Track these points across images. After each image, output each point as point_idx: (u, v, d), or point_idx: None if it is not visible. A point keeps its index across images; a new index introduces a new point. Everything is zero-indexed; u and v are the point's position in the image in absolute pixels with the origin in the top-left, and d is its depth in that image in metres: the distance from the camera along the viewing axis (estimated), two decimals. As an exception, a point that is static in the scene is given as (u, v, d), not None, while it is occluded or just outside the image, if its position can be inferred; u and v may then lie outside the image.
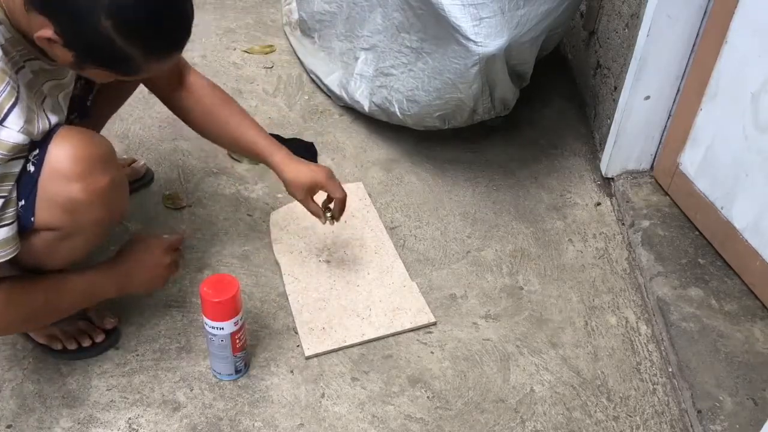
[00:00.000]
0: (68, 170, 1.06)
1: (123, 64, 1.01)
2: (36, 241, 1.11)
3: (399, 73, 1.78)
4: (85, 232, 1.14)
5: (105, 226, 1.17)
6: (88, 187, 1.07)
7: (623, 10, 1.75)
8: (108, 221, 1.16)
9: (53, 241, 1.12)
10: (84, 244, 1.18)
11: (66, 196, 1.07)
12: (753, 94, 1.41)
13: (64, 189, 1.06)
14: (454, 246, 1.67)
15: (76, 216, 1.09)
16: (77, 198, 1.07)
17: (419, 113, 1.76)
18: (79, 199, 1.07)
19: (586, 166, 1.91)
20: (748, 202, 1.46)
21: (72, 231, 1.12)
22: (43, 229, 1.10)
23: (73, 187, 1.06)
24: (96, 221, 1.13)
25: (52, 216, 1.08)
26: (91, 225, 1.13)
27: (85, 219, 1.11)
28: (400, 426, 1.31)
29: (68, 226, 1.10)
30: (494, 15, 1.52)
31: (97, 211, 1.11)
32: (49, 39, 0.96)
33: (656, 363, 1.43)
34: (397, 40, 1.77)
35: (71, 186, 1.06)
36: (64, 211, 1.08)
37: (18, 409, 1.29)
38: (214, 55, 2.23)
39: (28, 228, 1.09)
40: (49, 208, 1.07)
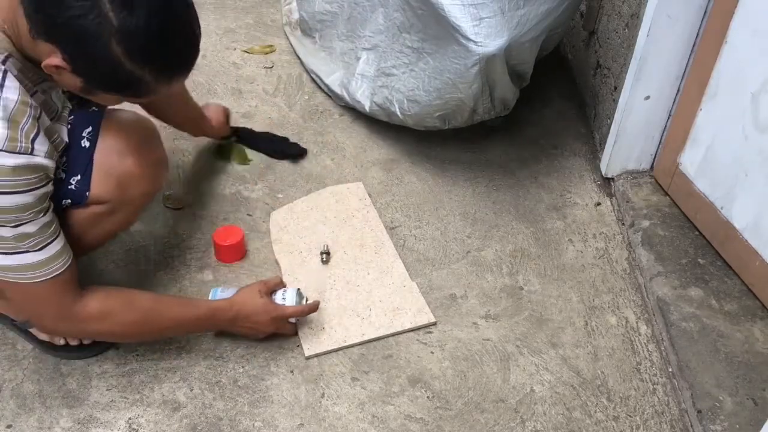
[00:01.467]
0: (123, 144, 1.13)
1: (133, 88, 1.02)
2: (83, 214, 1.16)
3: (400, 73, 1.78)
4: (131, 206, 1.21)
5: (148, 201, 1.24)
6: (142, 159, 1.15)
7: (623, 10, 1.75)
8: (151, 196, 1.24)
9: (101, 215, 1.17)
10: (125, 220, 1.24)
11: (121, 169, 1.13)
12: (753, 94, 1.41)
13: (120, 163, 1.13)
14: (454, 246, 1.67)
15: (127, 189, 1.16)
16: (131, 171, 1.14)
17: (420, 113, 1.76)
18: (134, 172, 1.14)
19: (586, 166, 1.91)
20: (748, 201, 1.46)
21: (120, 204, 1.18)
22: (94, 203, 1.15)
23: (128, 160, 1.14)
24: (143, 194, 1.20)
25: (106, 189, 1.14)
26: (138, 198, 1.19)
27: (135, 192, 1.17)
28: (400, 426, 1.31)
29: (118, 198, 1.16)
30: (494, 15, 1.52)
31: (145, 185, 1.18)
32: (57, 66, 0.97)
33: (656, 363, 1.43)
34: (399, 40, 1.77)
35: (126, 160, 1.14)
36: (118, 183, 1.14)
37: (18, 409, 1.29)
38: (214, 55, 2.23)
39: (82, 202, 1.14)
40: (104, 183, 1.13)
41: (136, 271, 1.55)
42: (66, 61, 0.96)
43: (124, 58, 0.95)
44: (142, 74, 0.99)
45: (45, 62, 0.97)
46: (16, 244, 1.03)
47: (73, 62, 0.96)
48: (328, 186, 1.79)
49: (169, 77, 1.05)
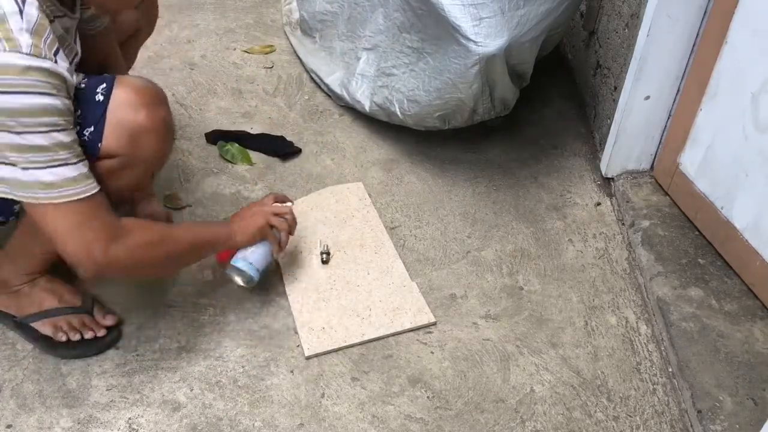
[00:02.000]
0: (136, 99, 1.16)
1: None
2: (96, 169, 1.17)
3: (400, 73, 1.78)
4: (142, 163, 1.22)
5: (157, 160, 1.26)
6: (153, 114, 1.17)
7: (623, 10, 1.75)
8: (160, 156, 1.26)
9: (113, 169, 1.18)
10: (133, 179, 1.25)
11: (133, 121, 1.16)
12: (753, 94, 1.41)
13: (132, 115, 1.15)
14: (454, 246, 1.67)
15: (138, 143, 1.18)
16: (143, 124, 1.16)
17: (420, 113, 1.76)
18: (145, 126, 1.17)
19: (586, 166, 1.91)
20: (749, 201, 1.46)
21: (132, 159, 1.19)
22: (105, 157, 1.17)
23: (140, 114, 1.16)
24: (153, 151, 1.21)
25: (118, 142, 1.16)
26: (149, 154, 1.21)
27: (146, 147, 1.19)
28: (400, 426, 1.31)
29: (130, 153, 1.18)
30: (494, 15, 1.52)
31: (155, 141, 1.20)
32: None
33: (656, 363, 1.43)
34: (399, 40, 1.77)
35: (139, 113, 1.16)
36: (130, 136, 1.16)
37: (18, 409, 1.29)
38: (214, 55, 2.23)
39: (95, 154, 1.16)
40: (116, 134, 1.15)
41: (136, 271, 1.54)
42: None
43: None
44: None
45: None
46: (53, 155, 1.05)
47: None
48: (328, 186, 1.79)
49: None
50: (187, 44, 2.26)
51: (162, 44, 2.23)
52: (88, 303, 1.41)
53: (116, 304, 1.47)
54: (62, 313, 1.38)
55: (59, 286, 1.40)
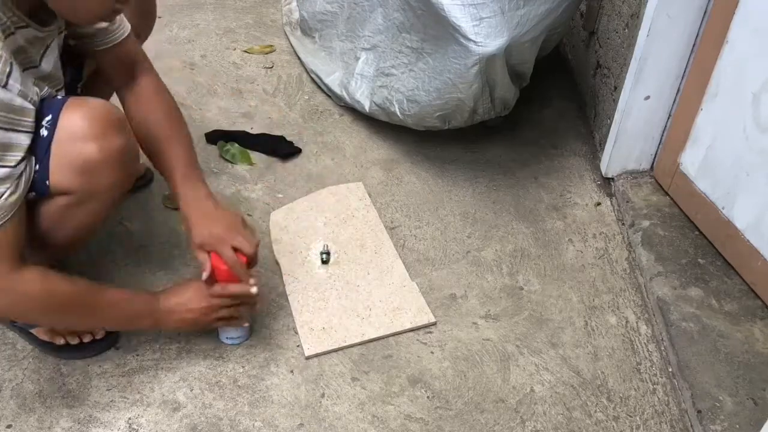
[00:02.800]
0: (84, 131, 1.07)
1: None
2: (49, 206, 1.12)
3: (400, 73, 1.78)
4: (99, 197, 1.15)
5: (117, 192, 1.17)
6: (104, 147, 1.08)
7: (623, 10, 1.75)
8: (120, 187, 1.17)
9: (68, 206, 1.12)
10: (95, 212, 1.18)
11: (82, 156, 1.07)
12: (754, 94, 1.41)
13: (79, 149, 1.07)
14: (454, 246, 1.67)
15: (91, 178, 1.10)
16: (93, 158, 1.08)
17: (419, 113, 1.76)
18: (95, 159, 1.08)
19: (586, 166, 1.91)
20: (750, 201, 1.46)
21: (87, 195, 1.12)
22: (58, 194, 1.10)
23: (88, 147, 1.07)
24: (110, 185, 1.13)
25: (67, 178, 1.08)
26: (105, 188, 1.13)
27: (100, 181, 1.11)
28: (400, 426, 1.31)
29: (83, 188, 1.11)
30: (494, 15, 1.52)
31: (111, 174, 1.12)
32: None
33: (656, 363, 1.43)
34: (398, 40, 1.77)
35: (87, 146, 1.07)
36: (80, 172, 1.09)
37: (18, 409, 1.29)
38: (214, 55, 2.23)
39: (44, 192, 1.10)
40: (64, 170, 1.08)
41: (136, 271, 1.54)
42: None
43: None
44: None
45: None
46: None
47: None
48: (328, 186, 1.79)
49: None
50: (187, 44, 2.26)
51: (162, 44, 2.23)
52: None
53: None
54: None
55: None
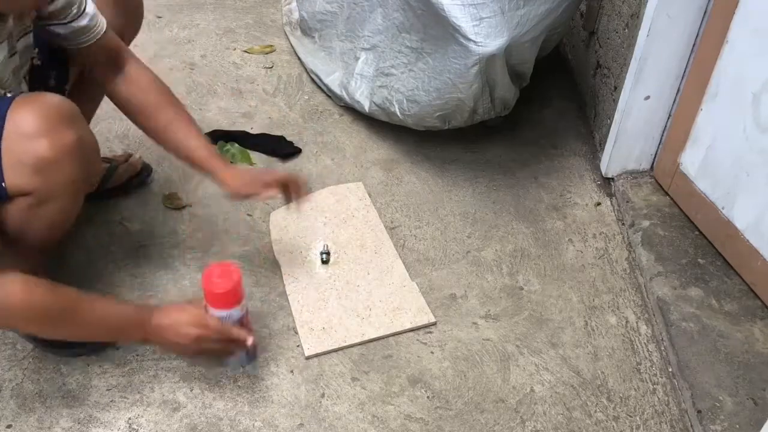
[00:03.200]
0: (32, 128, 1.03)
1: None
2: (12, 209, 1.09)
3: (399, 73, 1.78)
4: (59, 195, 1.11)
5: (78, 188, 1.14)
6: (55, 142, 1.05)
7: (623, 10, 1.75)
8: (81, 182, 1.13)
9: (29, 208, 1.09)
10: (61, 210, 1.15)
11: (33, 154, 1.04)
12: (754, 94, 1.41)
13: (30, 147, 1.04)
14: (454, 246, 1.67)
15: (46, 176, 1.06)
16: (45, 155, 1.04)
17: (419, 113, 1.76)
18: (47, 157, 1.05)
19: (586, 166, 1.91)
20: (750, 202, 1.46)
21: (46, 194, 1.09)
22: (17, 195, 1.08)
23: (39, 144, 1.04)
24: (68, 181, 1.10)
25: (22, 178, 1.05)
26: (63, 186, 1.10)
27: (57, 179, 1.08)
28: (400, 426, 1.31)
29: (41, 188, 1.08)
30: (494, 15, 1.52)
31: (67, 170, 1.08)
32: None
33: (656, 363, 1.43)
34: (398, 40, 1.77)
35: (37, 143, 1.04)
36: (34, 171, 1.05)
37: (18, 409, 1.29)
38: (214, 55, 2.23)
39: (4, 196, 1.07)
40: (18, 171, 1.04)
41: (136, 272, 1.54)
42: None
43: None
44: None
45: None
46: None
47: None
48: (328, 186, 1.79)
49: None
50: (187, 44, 2.26)
51: (162, 44, 2.23)
52: None
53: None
54: None
55: None
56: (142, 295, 1.49)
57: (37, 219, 1.13)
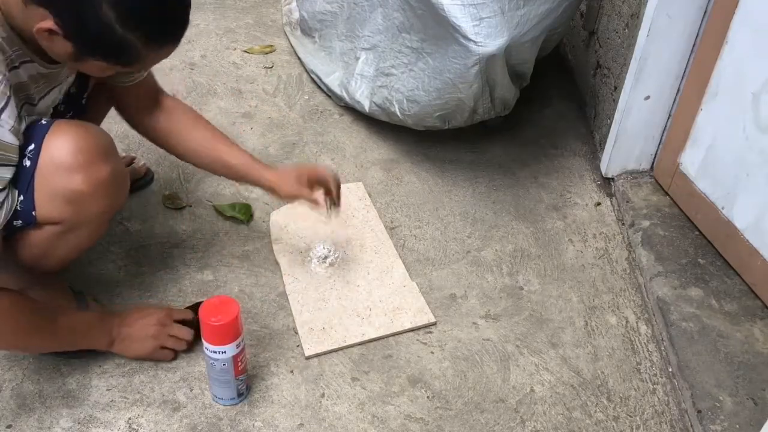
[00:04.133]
0: (69, 162, 1.05)
1: (123, 54, 1.01)
2: (39, 235, 1.11)
3: (399, 73, 1.78)
4: (88, 225, 1.15)
5: (107, 217, 1.17)
6: (90, 178, 1.07)
7: (623, 10, 1.75)
8: (110, 212, 1.17)
9: (56, 235, 1.12)
10: (86, 238, 1.19)
11: (68, 187, 1.07)
12: (754, 94, 1.41)
13: (65, 181, 1.06)
14: (454, 246, 1.67)
15: (78, 208, 1.09)
16: (79, 189, 1.07)
17: (419, 113, 1.76)
18: (82, 191, 1.07)
19: (586, 166, 1.91)
20: (749, 202, 1.46)
21: (75, 223, 1.12)
22: (45, 223, 1.10)
23: (74, 178, 1.06)
24: (99, 213, 1.13)
25: (54, 209, 1.08)
26: (94, 217, 1.13)
27: (88, 211, 1.11)
28: (400, 426, 1.31)
29: (71, 218, 1.10)
30: (494, 15, 1.52)
31: (99, 202, 1.11)
32: (48, 30, 0.96)
33: (656, 363, 1.43)
34: (398, 40, 1.77)
35: (73, 177, 1.06)
36: (67, 203, 1.08)
37: (18, 409, 1.29)
38: (214, 55, 2.23)
39: (32, 223, 1.09)
40: (50, 201, 1.07)
41: (136, 272, 1.54)
42: (58, 24, 0.96)
43: (115, 22, 0.95)
44: (133, 39, 0.98)
45: (37, 26, 0.96)
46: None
47: (64, 26, 0.96)
48: (328, 186, 1.79)
49: (159, 44, 1.04)
50: (187, 44, 2.26)
51: (162, 44, 2.23)
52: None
53: (115, 304, 1.47)
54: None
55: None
56: (142, 294, 1.49)
57: (62, 245, 1.16)
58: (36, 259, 1.17)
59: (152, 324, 1.32)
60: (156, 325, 1.32)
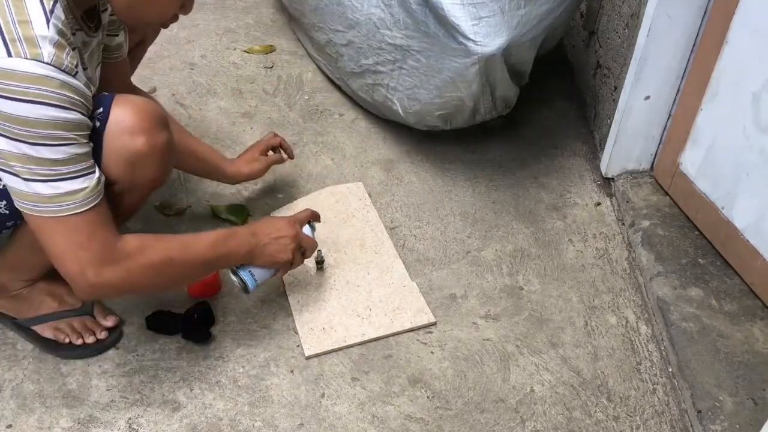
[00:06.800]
0: (134, 125, 1.12)
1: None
2: None
3: (388, 71, 1.75)
4: (139, 189, 1.20)
5: (156, 185, 1.23)
6: (151, 140, 1.14)
7: (623, 10, 1.75)
8: (159, 181, 1.23)
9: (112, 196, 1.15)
10: (132, 203, 1.24)
11: (131, 148, 1.13)
12: (754, 94, 1.41)
13: (129, 142, 1.12)
14: (454, 246, 1.67)
15: (137, 169, 1.15)
16: (141, 150, 1.13)
17: (421, 111, 1.75)
18: (143, 152, 1.14)
19: (586, 166, 1.91)
20: (749, 202, 1.46)
21: (129, 186, 1.17)
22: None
23: (137, 140, 1.13)
24: (152, 177, 1.19)
25: (116, 168, 1.13)
26: (147, 180, 1.19)
27: (145, 173, 1.17)
28: (400, 426, 1.31)
29: (127, 180, 1.16)
30: (494, 14, 1.52)
31: (155, 167, 1.17)
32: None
33: (656, 363, 1.43)
34: (377, 37, 1.74)
35: (136, 139, 1.12)
36: (128, 163, 1.13)
37: (18, 409, 1.29)
38: (214, 55, 2.23)
39: None
40: (114, 161, 1.13)
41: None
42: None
43: None
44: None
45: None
46: (59, 169, 1.02)
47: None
48: (328, 186, 1.79)
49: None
50: (187, 44, 2.26)
51: (162, 44, 2.22)
52: (87, 304, 1.40)
53: (116, 303, 1.47)
54: (63, 317, 1.37)
55: (59, 289, 1.38)
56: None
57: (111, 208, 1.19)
58: None
59: (293, 229, 1.36)
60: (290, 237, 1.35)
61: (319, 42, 2.00)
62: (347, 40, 1.85)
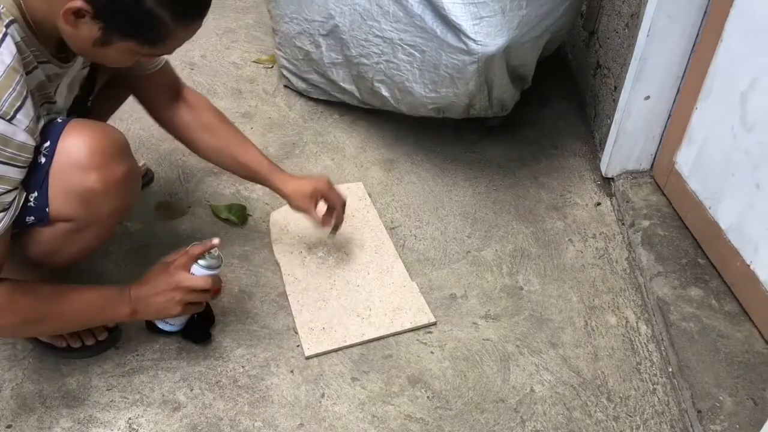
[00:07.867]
0: (84, 160, 1.06)
1: (152, 31, 1.01)
2: (49, 232, 1.11)
3: (373, 63, 1.73)
4: (99, 224, 1.15)
5: (119, 216, 1.18)
6: (105, 177, 1.08)
7: (623, 10, 1.75)
8: (121, 212, 1.17)
9: (68, 232, 1.12)
10: (97, 236, 1.19)
11: (83, 186, 1.07)
12: (742, 92, 1.41)
13: (80, 179, 1.07)
14: (454, 246, 1.67)
15: (92, 206, 1.10)
16: (94, 188, 1.08)
17: (413, 102, 1.73)
18: (96, 189, 1.08)
19: (586, 166, 1.91)
20: (733, 202, 1.45)
21: (88, 221, 1.12)
22: (58, 221, 1.10)
23: (89, 177, 1.07)
24: (112, 211, 1.14)
25: (68, 207, 1.08)
26: (107, 215, 1.14)
27: (102, 209, 1.12)
28: (400, 426, 1.31)
29: (85, 216, 1.11)
30: (495, 14, 1.52)
31: (113, 201, 1.12)
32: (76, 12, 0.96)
33: (656, 363, 1.43)
34: (363, 29, 1.71)
35: (88, 176, 1.07)
36: (81, 201, 1.08)
37: (18, 409, 1.29)
38: (214, 55, 2.23)
39: (45, 219, 1.10)
40: (65, 199, 1.08)
41: (136, 272, 1.54)
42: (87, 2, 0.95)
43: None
44: (162, 14, 0.98)
45: (65, 8, 0.95)
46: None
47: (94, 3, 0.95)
48: (328, 186, 1.79)
49: (187, 19, 1.04)
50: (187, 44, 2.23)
51: (162, 44, 2.22)
52: None
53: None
54: None
55: None
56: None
57: (72, 243, 1.16)
58: (44, 257, 1.17)
59: (172, 278, 1.21)
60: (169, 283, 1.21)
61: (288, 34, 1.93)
62: (327, 30, 1.80)
